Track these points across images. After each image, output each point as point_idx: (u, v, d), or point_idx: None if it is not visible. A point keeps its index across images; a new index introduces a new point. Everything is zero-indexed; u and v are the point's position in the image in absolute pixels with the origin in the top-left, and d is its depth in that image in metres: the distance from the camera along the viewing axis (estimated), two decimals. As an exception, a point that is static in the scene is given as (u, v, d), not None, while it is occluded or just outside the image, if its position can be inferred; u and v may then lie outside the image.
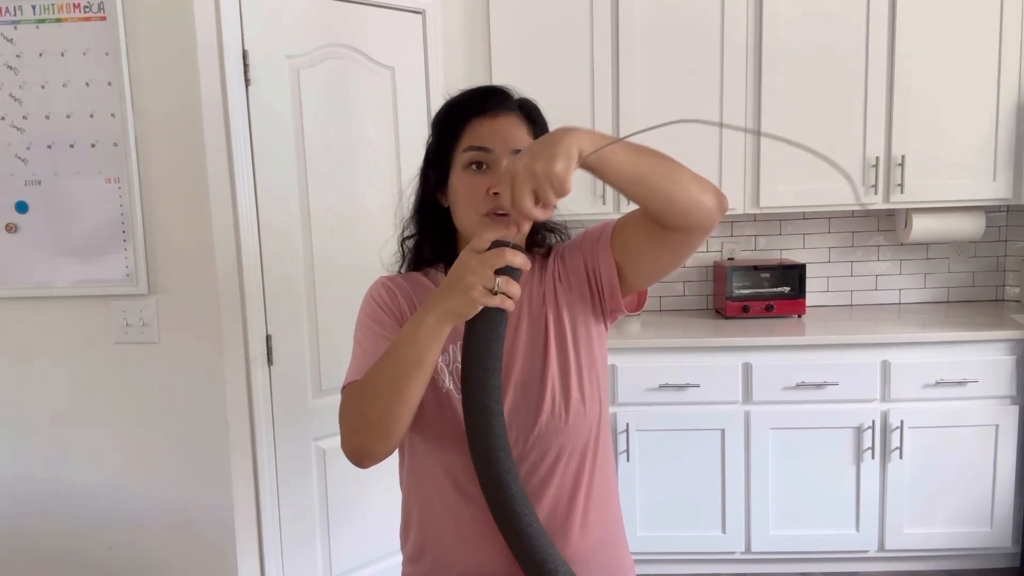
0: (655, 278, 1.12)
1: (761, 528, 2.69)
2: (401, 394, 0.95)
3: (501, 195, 0.91)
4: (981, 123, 2.74)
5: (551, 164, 0.86)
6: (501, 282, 0.89)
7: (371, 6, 2.37)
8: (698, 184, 0.97)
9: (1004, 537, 2.65)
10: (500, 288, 0.90)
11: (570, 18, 2.79)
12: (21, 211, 2.03)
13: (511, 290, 0.91)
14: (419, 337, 0.93)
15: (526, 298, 1.12)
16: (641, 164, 0.93)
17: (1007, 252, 3.13)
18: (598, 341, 1.14)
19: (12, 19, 1.95)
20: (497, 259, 0.89)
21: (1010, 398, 2.59)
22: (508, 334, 1.09)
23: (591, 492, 1.11)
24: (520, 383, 1.08)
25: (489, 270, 0.89)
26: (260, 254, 2.15)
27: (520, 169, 0.87)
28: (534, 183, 0.87)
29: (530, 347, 1.09)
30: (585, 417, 1.09)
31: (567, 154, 0.86)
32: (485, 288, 0.89)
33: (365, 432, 0.98)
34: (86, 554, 2.15)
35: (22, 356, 2.09)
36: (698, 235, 1.01)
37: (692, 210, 0.96)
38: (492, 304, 0.91)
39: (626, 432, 2.67)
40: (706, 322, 2.97)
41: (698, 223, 0.98)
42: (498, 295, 0.90)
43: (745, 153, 2.81)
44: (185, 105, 1.98)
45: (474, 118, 1.08)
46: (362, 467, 1.02)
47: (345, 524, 2.40)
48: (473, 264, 0.90)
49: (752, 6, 2.75)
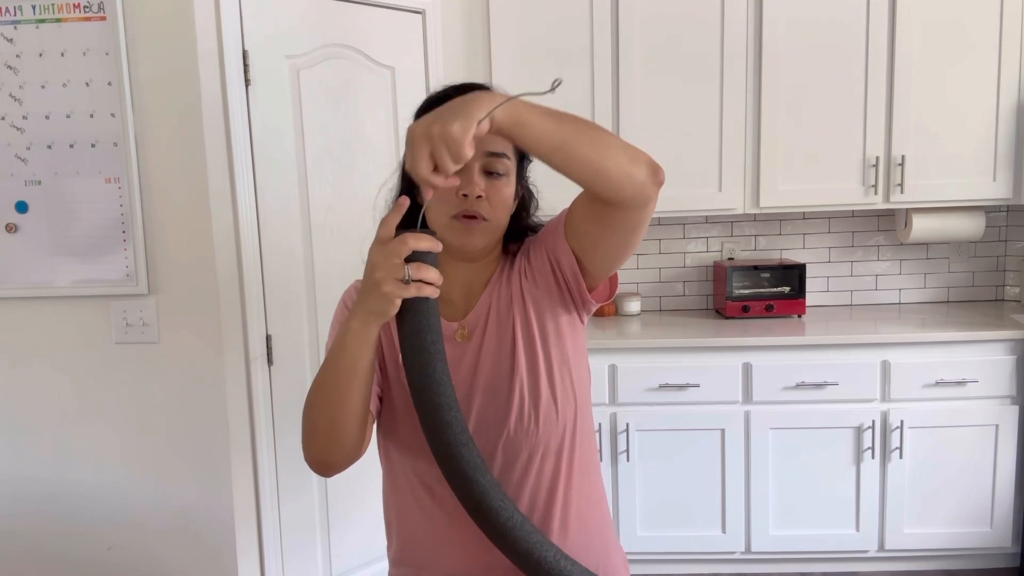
0: (611, 264, 1.06)
1: (761, 528, 2.69)
2: (341, 403, 0.92)
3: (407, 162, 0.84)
4: (981, 123, 2.74)
5: (447, 125, 0.80)
6: (411, 270, 0.84)
7: (371, 6, 2.37)
8: (627, 154, 0.91)
9: (1004, 537, 2.65)
10: (412, 276, 0.84)
11: (570, 18, 2.78)
12: (21, 211, 2.02)
13: (426, 275, 0.85)
14: (348, 344, 0.90)
15: (493, 301, 1.09)
16: (562, 131, 0.87)
17: (1007, 252, 3.13)
18: (571, 335, 1.10)
19: (12, 19, 1.95)
20: (400, 247, 0.84)
21: (1010, 398, 2.59)
22: (475, 339, 1.07)
23: (569, 493, 1.08)
24: (488, 387, 1.05)
25: (396, 260, 0.84)
26: (260, 254, 2.15)
27: (417, 131, 0.82)
28: (430, 145, 0.81)
29: (497, 350, 1.06)
30: (558, 417, 1.06)
31: (467, 115, 0.80)
32: (397, 280, 0.84)
33: (316, 443, 0.96)
34: (86, 554, 2.15)
35: (22, 356, 2.09)
36: (634, 210, 0.96)
37: (622, 182, 0.91)
38: (408, 295, 0.85)
39: (626, 432, 2.66)
40: (706, 322, 2.97)
41: (631, 196, 0.93)
42: (412, 284, 0.85)
43: (745, 153, 2.81)
44: (185, 105, 1.98)
45: None
46: (326, 476, 1.00)
47: (345, 524, 2.40)
48: (378, 258, 0.85)
49: (752, 6, 2.74)
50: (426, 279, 0.85)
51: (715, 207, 2.86)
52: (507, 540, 0.92)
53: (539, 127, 0.85)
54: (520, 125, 0.84)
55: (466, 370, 1.06)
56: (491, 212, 1.03)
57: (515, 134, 0.85)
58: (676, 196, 2.84)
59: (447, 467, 0.91)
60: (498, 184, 1.04)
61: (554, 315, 1.08)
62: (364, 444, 1.00)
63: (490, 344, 1.07)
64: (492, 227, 1.05)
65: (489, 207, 1.03)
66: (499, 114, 0.83)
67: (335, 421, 0.93)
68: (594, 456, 1.16)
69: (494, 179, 1.04)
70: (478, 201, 1.02)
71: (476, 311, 1.09)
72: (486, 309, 1.08)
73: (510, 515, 0.92)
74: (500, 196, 1.04)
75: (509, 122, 0.84)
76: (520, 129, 0.85)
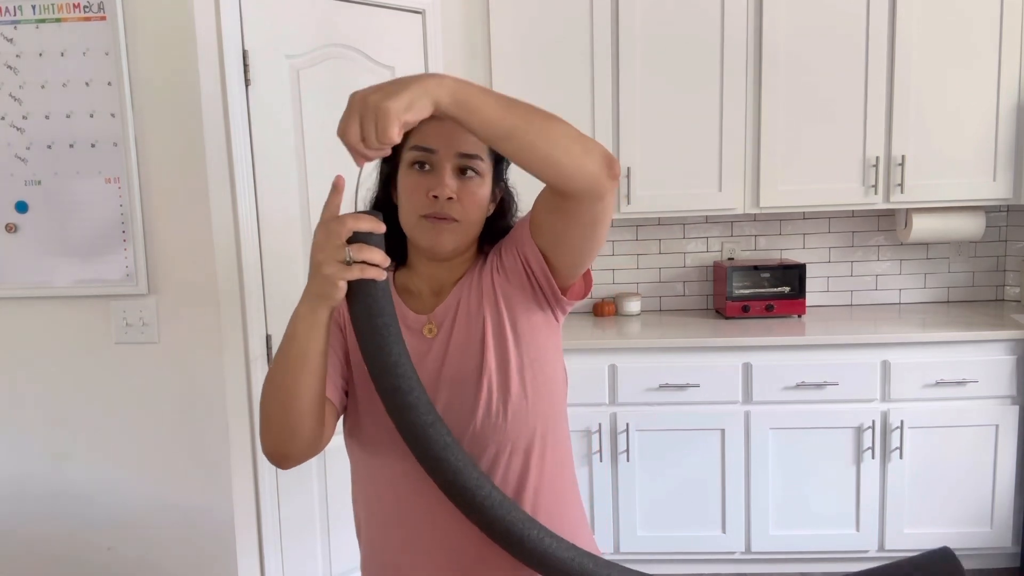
0: (578, 260, 1.02)
1: (761, 528, 2.69)
2: (293, 391, 0.90)
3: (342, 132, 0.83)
4: (981, 123, 2.74)
5: (387, 99, 0.78)
6: (353, 251, 0.82)
7: (371, 6, 2.37)
8: (581, 144, 0.89)
9: (1004, 537, 2.65)
10: (353, 258, 0.82)
11: (570, 18, 2.79)
12: (21, 211, 2.02)
13: (369, 256, 0.83)
14: (297, 330, 0.89)
15: (463, 295, 1.07)
16: (510, 118, 0.85)
17: (1007, 252, 3.13)
18: (546, 332, 1.07)
19: (12, 19, 1.95)
20: (339, 228, 0.83)
21: (1010, 398, 2.59)
22: (442, 332, 1.05)
23: (540, 492, 1.05)
24: (454, 380, 1.03)
25: (337, 241, 0.82)
26: (260, 254, 2.15)
27: (356, 96, 0.81)
28: (363, 112, 0.79)
29: (465, 344, 1.04)
30: (528, 414, 1.03)
31: (411, 94, 0.79)
32: (338, 262, 0.83)
33: (271, 433, 0.94)
34: (86, 554, 2.14)
35: (22, 356, 2.09)
36: (589, 203, 0.93)
37: (574, 173, 0.89)
38: (350, 276, 0.83)
39: (626, 432, 2.67)
40: (706, 322, 2.97)
41: (585, 188, 0.91)
42: (355, 265, 0.83)
43: (745, 153, 2.81)
44: (185, 105, 1.98)
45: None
46: (283, 468, 0.98)
47: (345, 524, 2.40)
48: (319, 239, 0.84)
49: (752, 6, 2.75)
50: (369, 260, 0.83)
51: (715, 207, 2.86)
52: (486, 518, 0.90)
53: (487, 113, 0.83)
54: (468, 110, 0.82)
55: (432, 363, 1.05)
56: (463, 213, 1.02)
57: (462, 118, 0.83)
58: (676, 196, 2.85)
59: (416, 448, 0.89)
60: (471, 185, 1.03)
61: (527, 312, 1.06)
62: (324, 436, 0.98)
63: (459, 338, 1.05)
64: (463, 228, 1.03)
65: (461, 208, 1.02)
66: (445, 96, 0.81)
67: (288, 411, 0.91)
68: (568, 457, 1.13)
69: (467, 179, 1.02)
70: (448, 203, 1.00)
71: (445, 305, 1.08)
72: (455, 303, 1.07)
73: (487, 493, 0.89)
74: (473, 197, 1.03)
75: (456, 105, 0.82)
76: (467, 114, 0.83)
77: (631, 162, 2.82)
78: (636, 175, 2.83)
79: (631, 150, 2.82)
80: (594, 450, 2.68)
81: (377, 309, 0.86)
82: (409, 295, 1.11)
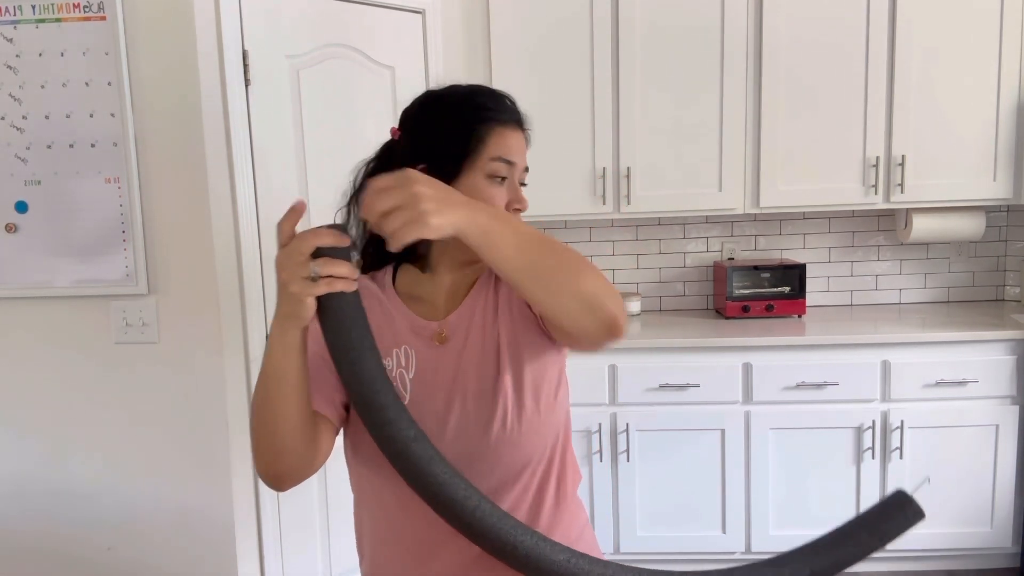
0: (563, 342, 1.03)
1: (761, 528, 2.69)
2: (276, 413, 0.89)
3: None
4: (981, 123, 2.74)
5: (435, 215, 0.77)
6: (317, 266, 0.80)
7: (371, 6, 2.37)
8: (589, 305, 0.84)
9: (1004, 537, 2.65)
10: (318, 273, 0.80)
11: (570, 19, 2.78)
12: (21, 211, 2.02)
13: (335, 270, 0.81)
14: (272, 351, 0.87)
15: (479, 305, 1.06)
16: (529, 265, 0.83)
17: (1007, 252, 3.13)
18: (555, 357, 1.06)
19: (12, 19, 1.95)
20: (301, 245, 0.81)
21: (1010, 398, 2.59)
22: (455, 342, 1.04)
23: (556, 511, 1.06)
24: (469, 392, 1.02)
25: (300, 258, 0.81)
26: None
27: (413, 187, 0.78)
28: (407, 203, 0.77)
29: (480, 356, 1.03)
30: (542, 428, 1.03)
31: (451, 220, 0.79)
32: (303, 279, 0.81)
33: (261, 454, 0.93)
34: (86, 554, 2.14)
35: (22, 356, 2.09)
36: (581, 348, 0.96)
37: (572, 328, 0.87)
38: (317, 292, 0.81)
39: (626, 432, 2.66)
40: (706, 322, 2.97)
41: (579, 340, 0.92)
42: (321, 281, 0.81)
43: (745, 153, 2.81)
44: (185, 105, 1.98)
45: (498, 125, 1.02)
46: (279, 490, 0.97)
47: (345, 524, 2.39)
48: (281, 258, 0.82)
49: (752, 7, 2.75)
50: (336, 273, 0.81)
51: (715, 207, 2.86)
52: (478, 530, 0.86)
53: (506, 253, 0.83)
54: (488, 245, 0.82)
55: (445, 372, 1.03)
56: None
57: (477, 245, 0.82)
58: (676, 196, 2.85)
59: (399, 465, 0.86)
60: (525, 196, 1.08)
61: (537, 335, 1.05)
62: (319, 455, 0.96)
63: (474, 348, 1.03)
64: None
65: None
66: (468, 226, 0.81)
67: (274, 432, 0.90)
68: (578, 477, 1.14)
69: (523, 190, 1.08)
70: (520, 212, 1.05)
71: (459, 314, 1.06)
72: (470, 312, 1.05)
73: (476, 504, 0.85)
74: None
75: (477, 233, 0.81)
76: (487, 248, 0.82)
77: (631, 162, 2.82)
78: (636, 175, 2.83)
79: (631, 150, 2.82)
80: (594, 450, 2.68)
81: (349, 323, 0.84)
82: (417, 302, 1.08)
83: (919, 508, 0.90)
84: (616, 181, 2.84)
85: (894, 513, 0.91)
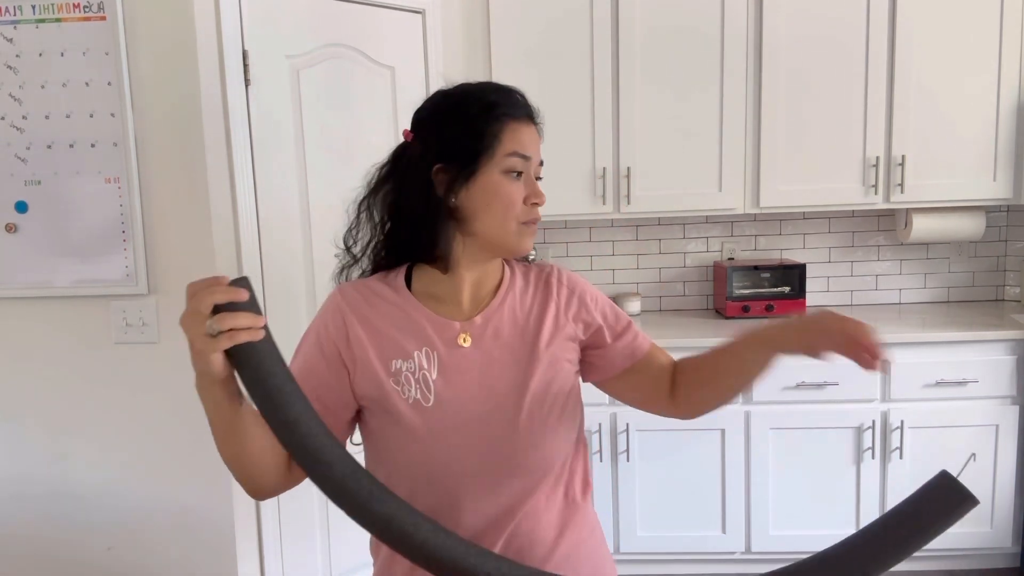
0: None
1: (761, 528, 2.69)
2: (232, 452, 0.93)
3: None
4: (981, 123, 2.74)
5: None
6: (215, 322, 0.79)
7: (371, 6, 2.37)
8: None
9: (1004, 537, 2.65)
10: (214, 330, 0.79)
11: (570, 17, 2.78)
12: (21, 211, 2.02)
13: (234, 322, 0.79)
14: (204, 406, 0.88)
15: (509, 306, 1.08)
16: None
17: (1007, 252, 3.13)
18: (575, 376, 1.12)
19: (12, 19, 1.95)
20: (197, 304, 0.80)
21: (1010, 398, 2.59)
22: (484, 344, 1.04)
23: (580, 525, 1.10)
24: (498, 393, 1.03)
25: (197, 319, 0.80)
26: (260, 254, 2.15)
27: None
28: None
29: (510, 358, 1.05)
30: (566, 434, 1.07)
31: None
32: (203, 336, 0.80)
33: (235, 476, 0.97)
34: (86, 554, 2.14)
35: (22, 356, 2.09)
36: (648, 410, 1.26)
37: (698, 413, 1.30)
38: (221, 347, 0.80)
39: (626, 432, 2.66)
40: (706, 322, 2.96)
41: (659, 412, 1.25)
42: (222, 335, 0.79)
43: (745, 153, 2.81)
44: (185, 105, 1.98)
45: (512, 121, 1.03)
46: (260, 500, 1.00)
47: (345, 524, 2.39)
48: (183, 318, 0.82)
49: (752, 7, 2.74)
50: (235, 326, 0.80)
51: (715, 207, 2.86)
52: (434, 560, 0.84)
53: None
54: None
55: (471, 375, 1.03)
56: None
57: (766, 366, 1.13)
58: (676, 196, 2.85)
59: (341, 503, 0.85)
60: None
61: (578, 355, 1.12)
62: (293, 474, 0.98)
63: (503, 350, 1.05)
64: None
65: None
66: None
67: (240, 464, 0.94)
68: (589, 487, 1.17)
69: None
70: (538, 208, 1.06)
71: (486, 315, 1.06)
72: (499, 314, 1.07)
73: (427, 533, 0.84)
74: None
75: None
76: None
77: (631, 162, 2.82)
78: (636, 175, 2.83)
79: (631, 150, 2.82)
80: (594, 450, 2.68)
81: (264, 372, 0.82)
82: (437, 301, 1.07)
83: (967, 492, 0.80)
84: (616, 181, 2.84)
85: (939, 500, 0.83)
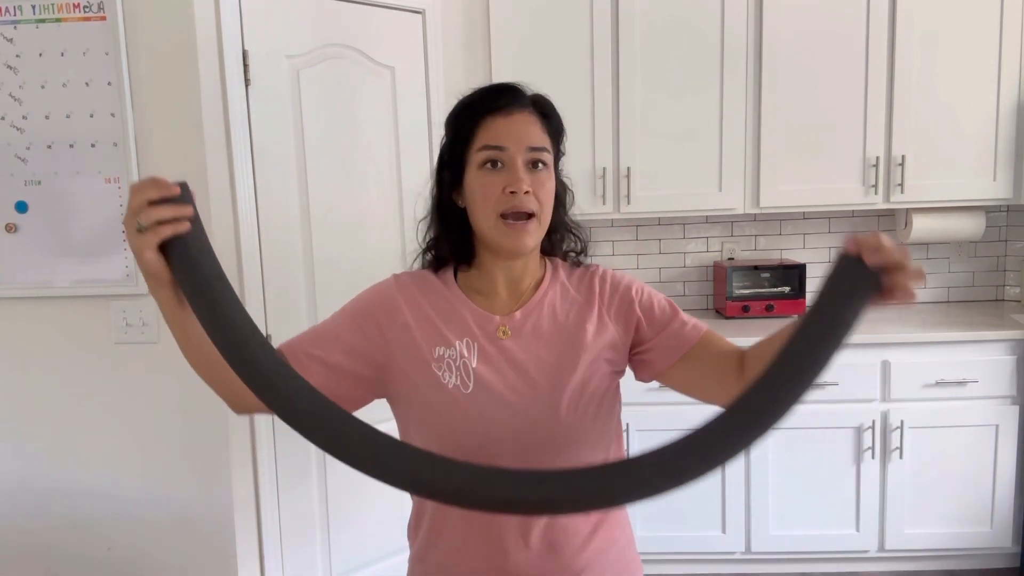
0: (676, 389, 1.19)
1: (761, 528, 2.69)
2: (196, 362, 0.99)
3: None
4: (981, 123, 2.74)
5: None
6: (141, 218, 0.79)
7: (371, 6, 2.37)
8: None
9: (1004, 537, 2.65)
10: (142, 224, 0.79)
11: (570, 18, 2.78)
12: (21, 211, 2.02)
13: (158, 215, 0.79)
14: (163, 315, 0.92)
15: (549, 302, 1.09)
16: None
17: (1007, 252, 3.13)
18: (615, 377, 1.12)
19: (12, 19, 1.95)
20: (132, 201, 0.81)
21: (1010, 398, 2.59)
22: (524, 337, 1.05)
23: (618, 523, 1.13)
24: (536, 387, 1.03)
25: (131, 215, 0.81)
26: (260, 254, 2.15)
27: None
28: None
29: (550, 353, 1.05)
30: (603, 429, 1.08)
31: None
32: (135, 233, 0.81)
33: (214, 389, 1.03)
34: (86, 554, 2.14)
35: (22, 356, 2.09)
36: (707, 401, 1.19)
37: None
38: (151, 242, 0.80)
39: (626, 432, 2.66)
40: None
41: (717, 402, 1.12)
42: (148, 231, 0.80)
43: (745, 153, 2.81)
44: (185, 105, 1.98)
45: (488, 116, 1.03)
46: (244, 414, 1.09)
47: (345, 524, 2.40)
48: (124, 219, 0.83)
49: (752, 7, 2.74)
50: (160, 219, 0.79)
51: (715, 207, 2.86)
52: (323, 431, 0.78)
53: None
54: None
55: (509, 367, 1.04)
56: (538, 206, 1.03)
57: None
58: (676, 196, 2.85)
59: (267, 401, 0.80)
60: (542, 177, 1.03)
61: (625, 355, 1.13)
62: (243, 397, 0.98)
63: (543, 346, 1.05)
64: (542, 223, 1.05)
65: (536, 202, 1.02)
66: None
67: (214, 377, 0.99)
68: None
69: (538, 172, 1.03)
70: (526, 197, 1.01)
71: (525, 311, 1.07)
72: (538, 310, 1.07)
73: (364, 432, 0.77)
74: (545, 189, 1.04)
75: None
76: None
77: (631, 162, 2.82)
78: (636, 175, 2.83)
79: (631, 150, 2.82)
80: (594, 450, 2.68)
81: (191, 264, 0.81)
82: (480, 295, 1.09)
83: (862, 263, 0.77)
84: (616, 181, 2.84)
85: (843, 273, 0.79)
